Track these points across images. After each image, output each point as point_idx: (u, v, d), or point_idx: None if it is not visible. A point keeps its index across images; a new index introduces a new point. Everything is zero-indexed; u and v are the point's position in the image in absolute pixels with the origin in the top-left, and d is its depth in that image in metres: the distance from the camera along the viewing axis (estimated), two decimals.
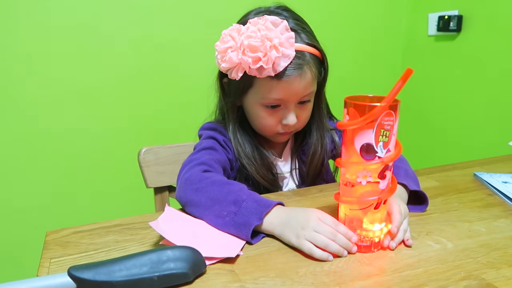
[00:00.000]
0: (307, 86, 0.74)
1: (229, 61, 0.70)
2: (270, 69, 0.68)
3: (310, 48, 0.74)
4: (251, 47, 0.67)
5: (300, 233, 0.56)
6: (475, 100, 1.56)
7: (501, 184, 0.78)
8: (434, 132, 1.77)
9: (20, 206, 1.40)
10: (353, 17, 1.77)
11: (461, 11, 1.56)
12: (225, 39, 0.70)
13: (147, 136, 1.51)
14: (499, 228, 0.62)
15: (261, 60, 0.67)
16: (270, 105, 0.76)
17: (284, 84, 0.72)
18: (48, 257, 0.56)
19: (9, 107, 1.33)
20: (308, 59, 0.73)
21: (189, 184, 0.67)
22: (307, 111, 0.80)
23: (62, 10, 1.32)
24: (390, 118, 0.51)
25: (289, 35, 0.69)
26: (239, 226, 0.58)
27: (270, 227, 0.59)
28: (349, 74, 1.77)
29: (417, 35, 1.80)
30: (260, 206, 0.59)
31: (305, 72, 0.73)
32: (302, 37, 0.74)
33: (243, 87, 0.76)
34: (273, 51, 0.67)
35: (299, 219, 0.57)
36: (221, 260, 0.54)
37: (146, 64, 1.46)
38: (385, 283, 0.48)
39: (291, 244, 0.57)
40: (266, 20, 0.68)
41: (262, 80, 0.72)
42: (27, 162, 1.38)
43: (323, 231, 0.55)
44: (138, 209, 1.48)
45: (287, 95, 0.74)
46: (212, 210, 0.62)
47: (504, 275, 0.49)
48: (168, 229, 0.57)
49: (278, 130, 0.79)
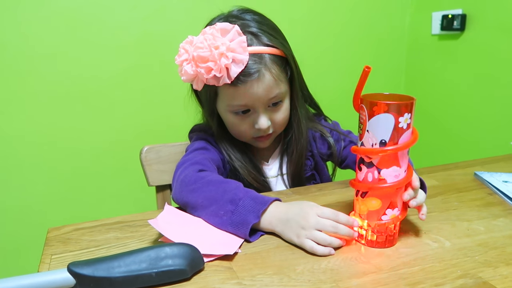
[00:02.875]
0: (268, 89, 0.72)
1: (185, 73, 0.70)
2: (224, 77, 0.68)
3: (269, 48, 0.72)
4: (200, 58, 0.67)
5: (301, 232, 0.56)
6: (478, 99, 1.56)
7: (501, 183, 0.78)
8: (436, 131, 1.76)
9: (22, 203, 1.42)
10: (356, 16, 1.77)
11: (465, 10, 1.55)
12: (180, 52, 0.71)
13: (149, 134, 1.51)
14: (498, 227, 0.62)
15: (213, 69, 0.67)
16: (239, 111, 0.75)
17: (243, 90, 0.71)
18: (49, 253, 0.57)
19: (11, 105, 1.34)
20: (266, 61, 0.71)
21: (185, 185, 0.67)
22: (282, 113, 0.78)
23: (63, 8, 1.33)
24: (363, 113, 0.54)
25: (241, 40, 0.67)
26: (237, 225, 0.59)
27: (270, 226, 0.60)
28: (353, 73, 1.77)
29: (421, 34, 1.80)
30: (257, 204, 0.60)
31: (263, 75, 0.71)
32: (262, 39, 0.72)
33: (210, 97, 0.77)
34: (222, 59, 0.66)
35: (298, 218, 0.57)
36: (219, 257, 0.54)
37: (149, 63, 1.47)
38: (381, 280, 0.48)
39: (293, 243, 0.57)
40: (214, 28, 0.67)
41: (222, 89, 0.73)
42: (29, 160, 1.39)
43: (323, 227, 0.55)
44: (140, 207, 1.49)
45: (250, 101, 0.73)
46: (209, 210, 0.62)
47: (501, 273, 0.49)
48: (167, 227, 0.58)
49: (253, 134, 0.78)
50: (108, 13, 1.39)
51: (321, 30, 1.73)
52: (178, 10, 1.47)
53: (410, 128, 0.53)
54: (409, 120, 0.52)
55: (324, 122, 0.91)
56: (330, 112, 0.94)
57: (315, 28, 1.71)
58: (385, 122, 0.52)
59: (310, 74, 0.89)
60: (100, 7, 1.37)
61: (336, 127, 0.91)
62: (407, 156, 0.55)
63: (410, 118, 0.52)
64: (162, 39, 1.46)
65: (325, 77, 1.77)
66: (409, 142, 0.53)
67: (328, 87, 1.75)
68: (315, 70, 1.71)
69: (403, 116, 0.51)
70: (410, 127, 0.53)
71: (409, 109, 0.52)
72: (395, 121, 0.52)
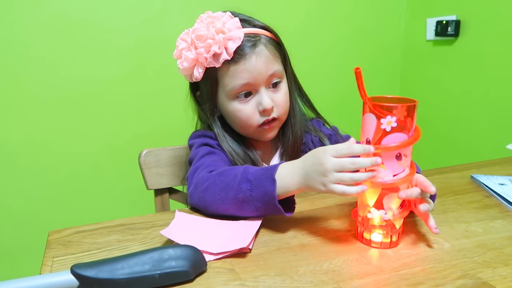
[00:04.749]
0: (267, 63, 0.74)
1: (186, 60, 0.73)
2: (224, 53, 0.70)
3: (262, 30, 0.76)
4: (199, 37, 0.71)
5: (324, 180, 0.55)
6: (473, 104, 1.58)
7: (497, 186, 0.79)
8: (432, 136, 1.78)
9: (22, 207, 1.41)
10: (351, 22, 1.79)
11: (459, 16, 1.58)
12: (178, 44, 0.75)
13: (148, 138, 1.52)
14: (495, 228, 0.63)
15: (212, 46, 0.70)
16: (241, 95, 0.76)
17: (243, 66, 0.73)
18: (50, 256, 0.57)
19: (11, 108, 1.34)
20: (261, 37, 0.75)
21: (199, 187, 0.67)
22: (282, 94, 0.79)
23: (62, 13, 1.33)
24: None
25: (234, 20, 0.72)
26: (261, 200, 0.59)
27: (297, 186, 0.59)
28: (349, 78, 1.78)
29: (416, 40, 1.82)
30: (267, 170, 0.60)
31: (260, 49, 0.74)
32: (253, 22, 0.77)
33: (211, 88, 0.78)
34: (220, 34, 0.70)
35: (315, 167, 0.56)
36: (222, 259, 0.54)
37: (148, 67, 1.47)
38: (382, 281, 0.49)
39: (322, 192, 0.56)
40: (209, 12, 0.72)
41: (222, 71, 0.74)
42: (28, 164, 1.39)
43: (342, 167, 0.54)
44: (139, 211, 1.49)
45: (251, 76, 0.74)
46: (229, 199, 0.62)
47: (500, 274, 0.50)
48: (180, 234, 0.58)
49: (258, 120, 0.77)
50: (107, 18, 1.39)
51: (317, 36, 1.75)
52: (176, 15, 1.48)
53: (398, 132, 0.53)
54: (394, 123, 0.52)
55: (323, 127, 0.92)
56: (326, 116, 0.95)
57: (311, 34, 1.73)
58: (369, 122, 0.54)
59: (306, 79, 0.89)
60: (98, 12, 1.38)
61: (335, 131, 0.92)
62: (396, 162, 0.54)
63: (396, 121, 0.52)
64: (160, 44, 1.47)
65: (321, 82, 1.78)
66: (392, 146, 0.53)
67: (324, 92, 1.77)
68: (311, 75, 1.73)
69: (385, 118, 0.52)
70: (399, 130, 0.53)
71: (394, 112, 0.52)
72: (377, 122, 0.53)
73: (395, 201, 0.56)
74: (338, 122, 0.97)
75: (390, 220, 0.56)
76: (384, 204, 0.56)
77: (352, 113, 1.79)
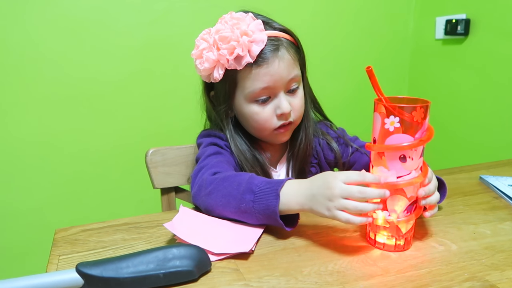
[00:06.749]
0: (288, 67, 0.74)
1: (207, 61, 0.71)
2: (247, 56, 0.69)
3: (283, 33, 0.76)
4: (222, 38, 0.69)
5: (330, 205, 0.54)
6: (483, 104, 1.56)
7: (507, 187, 0.78)
8: (441, 136, 1.76)
9: (30, 205, 1.42)
10: (359, 21, 1.78)
11: (469, 15, 1.56)
12: (198, 44, 0.73)
13: (155, 137, 1.52)
14: (504, 230, 0.62)
15: (236, 48, 0.69)
16: (260, 99, 0.75)
17: (265, 70, 0.72)
18: (56, 254, 0.57)
19: (18, 108, 1.35)
20: (283, 42, 0.74)
21: (203, 190, 0.67)
22: (299, 99, 0.79)
23: (70, 12, 1.34)
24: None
25: (257, 22, 0.71)
26: (263, 213, 0.59)
27: (299, 206, 0.58)
28: (357, 78, 1.78)
29: (425, 39, 1.80)
30: (272, 184, 0.60)
31: (282, 53, 0.73)
32: (274, 25, 0.76)
33: (229, 89, 0.76)
34: (244, 37, 0.69)
35: (322, 190, 0.56)
36: (226, 259, 0.54)
37: (154, 66, 1.48)
38: (388, 283, 0.48)
39: (325, 217, 0.56)
40: (232, 13, 0.71)
41: (243, 73, 0.73)
42: (35, 163, 1.40)
43: (350, 194, 0.53)
44: (145, 209, 1.50)
45: (272, 81, 0.73)
46: (231, 207, 0.62)
47: (508, 277, 0.49)
48: (183, 229, 0.58)
49: (275, 123, 0.77)
50: (114, 17, 1.40)
51: (325, 34, 1.74)
52: (183, 14, 1.48)
53: (401, 132, 0.52)
54: (397, 123, 0.52)
55: (330, 130, 0.91)
56: (333, 116, 0.94)
57: (319, 33, 1.72)
58: (376, 121, 0.54)
59: (314, 78, 0.89)
60: (106, 12, 1.38)
61: (343, 133, 0.91)
62: (400, 164, 0.53)
63: (399, 122, 0.52)
64: (167, 43, 1.47)
65: (329, 81, 1.77)
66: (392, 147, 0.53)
67: (332, 91, 1.76)
68: (319, 75, 1.71)
69: (388, 118, 0.52)
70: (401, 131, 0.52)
71: (397, 113, 0.51)
72: (381, 121, 0.53)
73: (400, 204, 0.55)
74: (344, 122, 0.96)
75: (393, 222, 0.55)
76: (388, 206, 0.55)
77: (359, 113, 1.79)
